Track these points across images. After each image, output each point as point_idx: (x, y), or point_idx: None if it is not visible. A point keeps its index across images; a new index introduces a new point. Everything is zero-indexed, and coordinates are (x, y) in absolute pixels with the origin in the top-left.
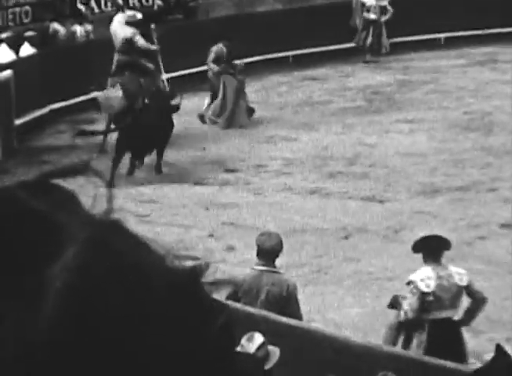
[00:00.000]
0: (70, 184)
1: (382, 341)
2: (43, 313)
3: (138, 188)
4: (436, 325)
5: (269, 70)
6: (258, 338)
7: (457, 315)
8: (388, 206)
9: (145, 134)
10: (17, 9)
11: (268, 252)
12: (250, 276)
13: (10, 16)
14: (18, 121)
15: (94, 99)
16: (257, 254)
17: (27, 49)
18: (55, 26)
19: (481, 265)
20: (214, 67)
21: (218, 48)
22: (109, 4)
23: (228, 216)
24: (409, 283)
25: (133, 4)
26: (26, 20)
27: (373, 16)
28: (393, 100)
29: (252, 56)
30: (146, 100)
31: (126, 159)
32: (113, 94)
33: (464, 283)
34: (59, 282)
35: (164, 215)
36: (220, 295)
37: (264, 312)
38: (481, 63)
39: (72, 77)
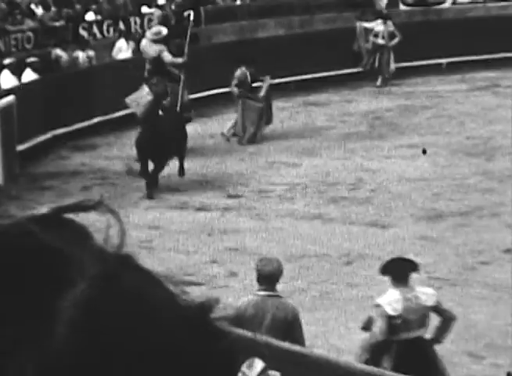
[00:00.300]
0: (82, 219)
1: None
2: (52, 347)
3: (140, 214)
4: (405, 345)
5: (272, 95)
6: (259, 364)
7: (426, 333)
8: (391, 231)
9: (161, 142)
10: (20, 35)
11: (269, 277)
12: (254, 302)
13: (13, 42)
14: (20, 147)
15: (96, 125)
16: (258, 280)
17: (29, 75)
18: (58, 52)
19: (484, 291)
20: (235, 91)
21: (240, 72)
22: (111, 30)
23: (231, 242)
24: (377, 306)
25: (135, 29)
26: (28, 46)
27: (381, 41)
28: (395, 125)
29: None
30: (161, 112)
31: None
32: (141, 94)
33: (431, 303)
34: (66, 317)
35: (166, 240)
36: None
37: (266, 338)
38: (483, 88)
39: (74, 103)
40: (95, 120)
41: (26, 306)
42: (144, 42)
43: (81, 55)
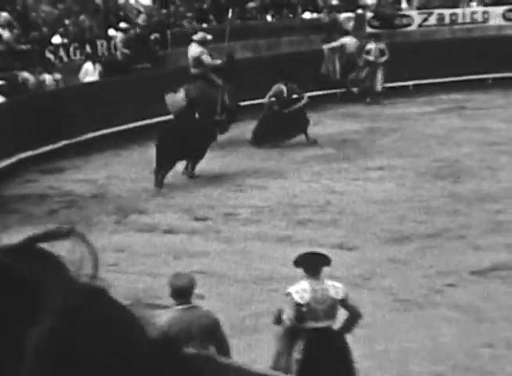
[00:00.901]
0: (56, 248)
1: (275, 353)
2: (23, 372)
3: (107, 236)
4: (313, 335)
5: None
6: None
7: (335, 324)
8: (358, 254)
9: (177, 145)
10: None
11: (183, 291)
12: (176, 318)
13: None
14: None
15: (63, 148)
16: (172, 295)
17: None
18: (25, 74)
19: (451, 313)
20: (266, 101)
21: (277, 87)
22: (77, 53)
23: (198, 265)
24: (287, 294)
25: (102, 52)
26: None
27: (371, 58)
28: (362, 148)
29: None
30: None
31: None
32: (177, 97)
33: (340, 296)
34: (33, 345)
35: (133, 263)
36: None
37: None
38: (450, 110)
39: (41, 126)
40: (63, 143)
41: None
42: (191, 46)
43: (47, 78)
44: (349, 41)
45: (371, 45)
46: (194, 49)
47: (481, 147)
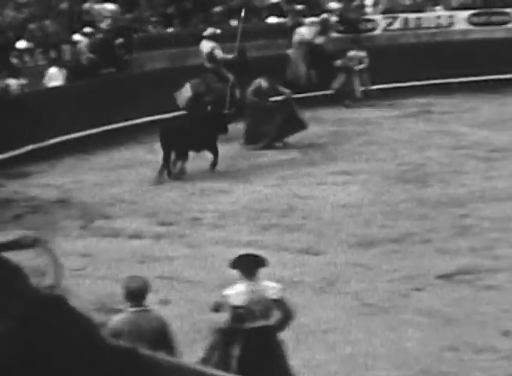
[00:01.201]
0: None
1: (206, 348)
2: None
3: (72, 241)
4: (250, 334)
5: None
6: None
7: (271, 323)
8: (323, 258)
9: (184, 136)
10: None
11: (136, 294)
12: (129, 319)
13: None
14: None
15: (28, 153)
16: (126, 297)
17: None
18: None
19: (417, 317)
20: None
21: (258, 82)
22: (42, 57)
23: (163, 269)
24: (223, 297)
25: (67, 57)
26: None
27: (349, 64)
28: (327, 152)
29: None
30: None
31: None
32: (183, 90)
33: (275, 297)
34: None
35: (98, 268)
36: None
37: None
38: (415, 114)
39: (6, 131)
40: (28, 147)
41: None
42: (203, 42)
43: (12, 82)
44: (305, 30)
45: (352, 52)
46: (206, 45)
47: (446, 151)
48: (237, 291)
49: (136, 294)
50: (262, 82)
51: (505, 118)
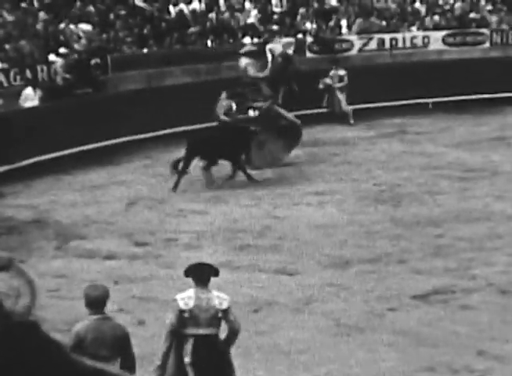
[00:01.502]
0: None
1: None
2: None
3: (47, 262)
4: (199, 341)
5: (178, 143)
6: None
7: (219, 333)
8: (298, 278)
9: (212, 144)
10: None
11: (97, 302)
12: (91, 327)
13: None
14: None
15: (3, 173)
16: (87, 305)
17: None
18: None
19: (393, 337)
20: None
21: (225, 104)
22: (18, 78)
23: (138, 290)
24: (173, 300)
25: (42, 78)
26: None
27: (328, 81)
28: (302, 172)
29: (161, 129)
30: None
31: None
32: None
33: (223, 307)
34: None
35: (73, 289)
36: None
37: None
38: (391, 134)
39: None
40: (3, 168)
41: None
42: (241, 59)
43: None
44: (274, 46)
45: (333, 71)
46: (242, 61)
47: (421, 171)
48: (186, 296)
49: (97, 302)
50: (232, 103)
51: (480, 138)
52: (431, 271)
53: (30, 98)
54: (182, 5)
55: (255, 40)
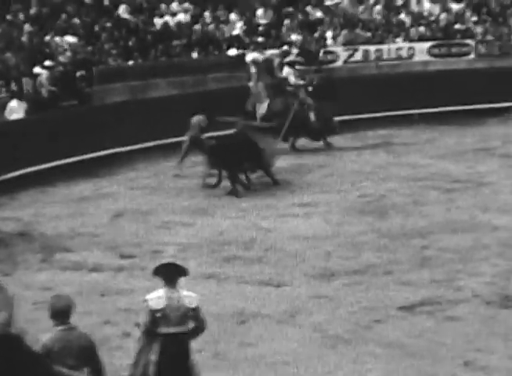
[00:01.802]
0: None
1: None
2: None
3: (33, 275)
4: (167, 339)
5: (164, 155)
6: None
7: (186, 330)
8: (284, 290)
9: (230, 154)
10: None
11: (62, 312)
12: (58, 337)
13: None
14: None
15: None
16: (52, 316)
17: None
18: None
19: (378, 349)
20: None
21: (196, 120)
22: (3, 90)
23: (124, 302)
24: (144, 301)
25: (27, 90)
26: None
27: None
28: (288, 184)
29: (146, 141)
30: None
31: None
32: (262, 104)
33: (193, 305)
34: None
35: None
36: None
37: None
38: (376, 145)
39: None
40: None
41: None
42: (285, 68)
43: None
44: (256, 55)
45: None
46: (285, 70)
47: (407, 183)
48: (156, 296)
49: (62, 312)
50: (201, 119)
51: (465, 149)
52: (417, 282)
53: (15, 110)
54: (167, 18)
55: (240, 51)
